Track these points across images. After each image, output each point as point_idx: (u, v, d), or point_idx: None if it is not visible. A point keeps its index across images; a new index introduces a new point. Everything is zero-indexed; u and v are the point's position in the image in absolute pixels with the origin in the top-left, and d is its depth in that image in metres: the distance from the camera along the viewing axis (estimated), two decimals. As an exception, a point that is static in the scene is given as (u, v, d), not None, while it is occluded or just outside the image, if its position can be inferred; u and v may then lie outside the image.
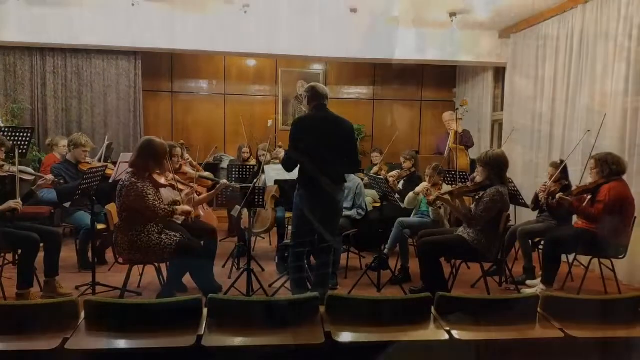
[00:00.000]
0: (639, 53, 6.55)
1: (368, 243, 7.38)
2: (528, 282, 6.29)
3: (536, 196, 6.35)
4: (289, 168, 4.98)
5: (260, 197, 5.65)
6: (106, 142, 8.32)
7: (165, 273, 5.61)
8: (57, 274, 5.50)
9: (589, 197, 5.73)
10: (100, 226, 6.24)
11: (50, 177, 5.47)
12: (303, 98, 5.12)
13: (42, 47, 9.55)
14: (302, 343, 2.98)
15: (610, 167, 5.58)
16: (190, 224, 5.79)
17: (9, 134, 6.53)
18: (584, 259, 6.33)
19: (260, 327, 3.12)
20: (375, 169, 8.58)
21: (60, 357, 2.83)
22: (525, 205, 6.47)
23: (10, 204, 4.99)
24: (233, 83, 11.50)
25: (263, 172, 7.01)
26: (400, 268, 6.47)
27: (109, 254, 6.11)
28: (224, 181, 5.75)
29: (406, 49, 9.52)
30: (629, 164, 6.10)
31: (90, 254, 6.20)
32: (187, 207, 5.32)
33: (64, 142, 7.57)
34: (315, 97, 4.95)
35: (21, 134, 6.53)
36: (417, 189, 6.44)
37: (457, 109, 9.19)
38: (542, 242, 6.19)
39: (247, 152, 9.14)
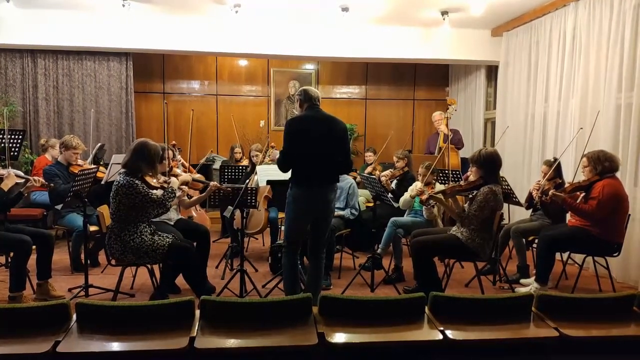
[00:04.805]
0: (631, 49, 6.56)
1: (361, 243, 7.38)
2: (522, 280, 6.30)
3: (530, 195, 6.34)
4: (284, 168, 4.96)
5: (253, 198, 5.63)
6: (98, 144, 8.31)
7: (158, 275, 5.60)
8: (49, 276, 5.49)
9: (583, 194, 5.73)
10: (92, 228, 6.23)
11: (38, 179, 5.44)
12: (295, 101, 5.10)
13: (33, 49, 9.50)
14: (296, 344, 2.96)
15: (603, 164, 5.57)
16: (183, 225, 5.78)
17: (0, 136, 6.52)
18: (578, 257, 6.35)
19: (254, 328, 3.10)
20: (369, 168, 8.59)
21: (51, 360, 2.81)
22: (518, 203, 6.47)
23: None
24: (225, 84, 11.50)
25: (256, 172, 7.00)
26: (393, 268, 6.47)
27: (102, 256, 6.09)
28: (214, 183, 5.72)
29: (398, 48, 9.54)
30: (622, 161, 6.11)
31: (82, 256, 6.18)
32: (182, 179, 5.42)
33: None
34: (307, 99, 4.95)
35: (12, 137, 6.51)
36: (412, 192, 6.42)
37: (447, 108, 9.21)
38: (536, 241, 6.19)
39: (240, 153, 9.13)
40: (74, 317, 3.14)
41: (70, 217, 6.47)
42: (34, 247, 5.22)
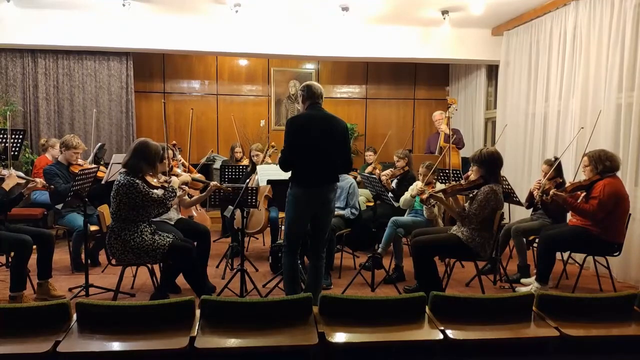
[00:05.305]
0: (632, 49, 6.56)
1: (362, 242, 7.37)
2: (523, 280, 6.30)
3: (530, 194, 6.34)
4: (285, 167, 4.96)
5: (253, 197, 5.63)
6: (98, 144, 8.30)
7: (158, 274, 5.60)
8: (50, 276, 5.49)
9: (584, 193, 5.73)
10: (93, 228, 6.23)
11: (40, 180, 5.44)
12: (298, 97, 5.10)
13: (33, 49, 9.51)
14: (296, 344, 2.96)
15: (603, 163, 5.57)
16: (183, 225, 5.78)
17: (0, 136, 6.52)
18: (579, 257, 6.35)
19: (254, 328, 3.10)
20: (369, 168, 8.58)
21: (52, 360, 2.81)
22: (519, 203, 6.47)
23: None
24: (225, 83, 11.49)
25: (256, 172, 7.00)
26: (394, 267, 6.47)
27: (102, 256, 6.09)
28: (214, 183, 5.71)
29: (398, 47, 9.53)
30: (622, 160, 6.11)
31: (83, 256, 6.18)
32: (182, 178, 5.43)
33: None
34: (310, 96, 4.94)
35: (13, 136, 6.50)
36: (413, 191, 6.42)
37: (448, 108, 9.20)
38: (537, 240, 6.18)
39: (240, 152, 9.13)
40: (74, 316, 3.14)
41: (71, 217, 6.47)
42: (34, 246, 5.22)
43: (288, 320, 3.20)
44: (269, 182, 6.35)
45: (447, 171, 7.29)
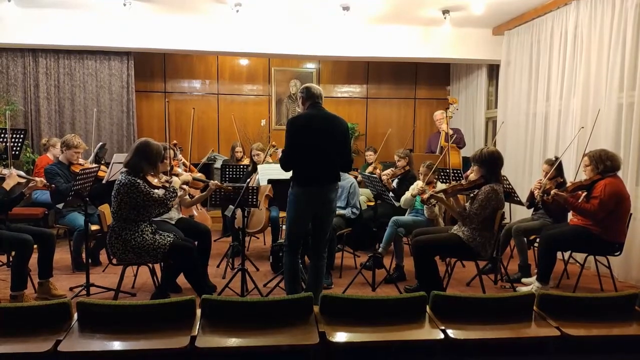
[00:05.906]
0: (633, 48, 6.56)
1: (362, 242, 7.37)
2: (523, 280, 6.29)
3: (531, 194, 6.33)
4: (286, 167, 4.97)
5: (254, 197, 5.63)
6: (99, 143, 8.30)
7: (159, 274, 5.60)
8: (51, 275, 5.49)
9: (584, 193, 5.72)
10: (93, 227, 6.24)
11: (41, 179, 5.44)
12: (297, 99, 5.10)
13: (34, 48, 9.51)
14: (297, 343, 2.96)
15: (604, 163, 5.56)
16: (184, 224, 5.78)
17: (1, 135, 6.52)
18: (580, 256, 6.34)
19: (255, 327, 3.10)
20: (369, 167, 8.58)
21: (53, 359, 2.80)
22: (520, 202, 6.47)
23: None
24: (226, 83, 11.49)
25: (257, 171, 7.00)
26: (394, 267, 6.47)
27: (103, 255, 6.09)
28: (214, 182, 5.71)
29: (399, 47, 9.52)
30: (623, 160, 6.10)
31: (84, 255, 6.18)
32: (183, 178, 5.43)
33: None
34: (309, 97, 4.94)
35: (14, 136, 6.50)
36: (414, 190, 6.41)
37: (448, 107, 9.20)
38: (537, 240, 6.18)
39: (241, 152, 9.12)
40: (75, 316, 3.15)
41: (72, 216, 6.47)
42: (35, 246, 5.22)
43: (289, 320, 3.20)
44: (270, 181, 6.35)
45: (447, 171, 7.29)
